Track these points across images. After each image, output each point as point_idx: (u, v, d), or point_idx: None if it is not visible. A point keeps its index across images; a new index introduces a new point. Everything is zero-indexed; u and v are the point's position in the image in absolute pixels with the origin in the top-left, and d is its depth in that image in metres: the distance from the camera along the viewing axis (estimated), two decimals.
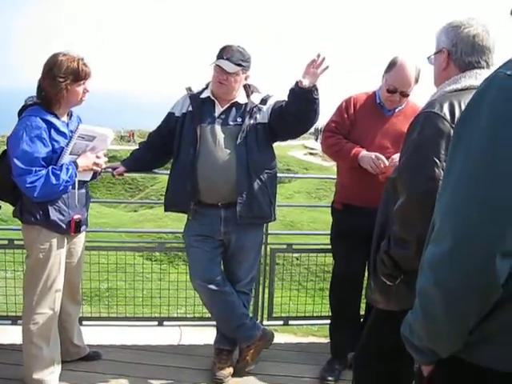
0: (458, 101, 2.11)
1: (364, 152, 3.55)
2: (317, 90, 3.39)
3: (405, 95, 3.58)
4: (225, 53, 3.47)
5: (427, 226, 1.48)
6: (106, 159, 3.56)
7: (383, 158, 3.49)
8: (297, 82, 3.37)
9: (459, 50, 2.23)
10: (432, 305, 1.31)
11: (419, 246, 1.63)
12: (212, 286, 3.61)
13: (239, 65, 3.49)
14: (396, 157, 3.47)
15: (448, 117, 2.07)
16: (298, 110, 3.44)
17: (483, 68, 2.23)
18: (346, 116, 3.71)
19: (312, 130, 48.77)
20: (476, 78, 2.17)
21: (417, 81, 3.57)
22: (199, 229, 3.64)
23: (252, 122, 3.56)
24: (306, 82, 3.34)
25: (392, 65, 3.55)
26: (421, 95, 3.60)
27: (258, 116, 3.58)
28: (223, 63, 3.46)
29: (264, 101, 3.63)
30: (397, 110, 3.67)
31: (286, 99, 3.51)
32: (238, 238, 3.65)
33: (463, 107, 2.04)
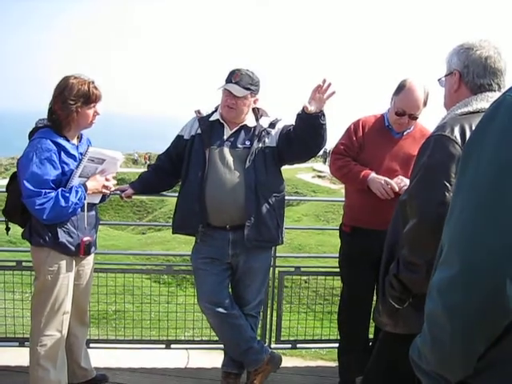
0: (469, 124, 2.10)
1: (373, 175, 3.55)
2: (324, 115, 3.39)
3: (413, 118, 3.58)
4: (233, 77, 3.50)
5: (436, 250, 1.47)
6: (115, 182, 3.58)
7: (393, 183, 3.49)
8: (303, 108, 3.37)
9: (471, 72, 2.23)
10: (440, 330, 1.29)
11: (429, 270, 1.62)
12: (220, 309, 3.59)
13: (248, 89, 3.51)
14: (404, 178, 3.47)
15: (459, 140, 2.06)
16: (305, 135, 3.46)
17: (495, 91, 2.23)
18: (354, 138, 3.71)
19: (320, 152, 48.96)
20: (487, 101, 2.16)
21: (425, 104, 3.58)
22: (207, 251, 3.64)
23: (261, 145, 3.57)
24: (312, 108, 3.34)
25: (401, 88, 3.56)
26: (429, 118, 3.61)
27: (266, 140, 3.59)
28: (232, 87, 3.49)
29: (273, 125, 3.64)
30: (405, 132, 3.67)
31: (294, 124, 3.53)
32: (246, 260, 3.64)
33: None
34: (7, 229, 3.47)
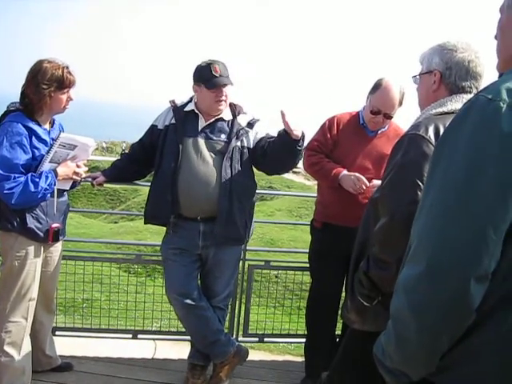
0: (444, 124, 2.10)
1: (345, 172, 3.56)
2: (304, 139, 3.42)
3: (388, 117, 3.60)
4: (214, 70, 3.46)
5: (406, 248, 1.48)
6: (87, 169, 3.54)
7: (364, 178, 3.51)
8: (287, 132, 3.35)
9: (453, 74, 2.24)
10: (405, 328, 1.30)
11: (399, 268, 1.63)
12: (187, 301, 3.58)
13: (228, 77, 3.52)
14: (377, 182, 3.49)
15: (433, 140, 2.07)
16: (284, 155, 3.51)
17: (471, 93, 2.24)
18: (328, 135, 3.72)
19: None
20: (462, 102, 2.14)
21: (401, 103, 3.60)
22: (177, 242, 3.62)
23: (239, 144, 3.56)
24: (298, 133, 3.35)
25: (377, 86, 3.57)
26: (404, 118, 3.64)
27: (244, 139, 3.59)
28: (226, 80, 3.49)
29: (250, 124, 3.63)
30: (379, 131, 3.69)
31: (272, 143, 3.54)
32: (216, 252, 3.63)
33: None
34: None
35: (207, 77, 3.47)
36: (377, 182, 3.48)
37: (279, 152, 3.49)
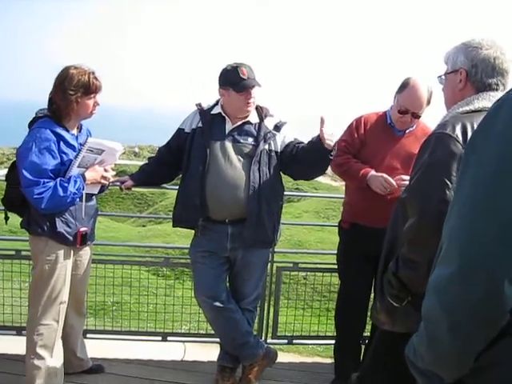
0: (471, 122, 2.09)
1: (373, 172, 3.54)
2: (335, 148, 3.41)
3: (416, 117, 3.57)
4: (241, 73, 3.45)
5: (437, 248, 1.47)
6: (114, 173, 3.58)
7: (391, 179, 3.48)
8: (321, 140, 3.33)
9: (479, 72, 2.22)
10: (437, 329, 1.28)
11: (429, 268, 1.61)
12: (216, 303, 3.60)
13: (255, 80, 3.51)
14: (405, 177, 3.46)
15: (460, 138, 2.05)
16: (315, 163, 3.51)
17: (498, 90, 2.22)
18: (356, 135, 3.70)
19: None
20: (489, 100, 2.16)
21: (429, 102, 3.56)
22: (206, 245, 3.64)
23: (267, 147, 3.56)
24: (332, 143, 3.34)
25: (404, 86, 3.55)
26: (432, 117, 3.61)
27: (271, 143, 3.58)
28: (250, 83, 3.47)
29: (277, 127, 3.62)
30: (407, 131, 3.66)
31: (302, 149, 3.53)
32: (245, 255, 3.64)
33: (475, 128, 2.04)
34: (6, 218, 3.47)
35: (235, 80, 3.46)
36: (405, 177, 3.45)
37: (310, 159, 3.49)
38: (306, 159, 3.50)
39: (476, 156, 1.29)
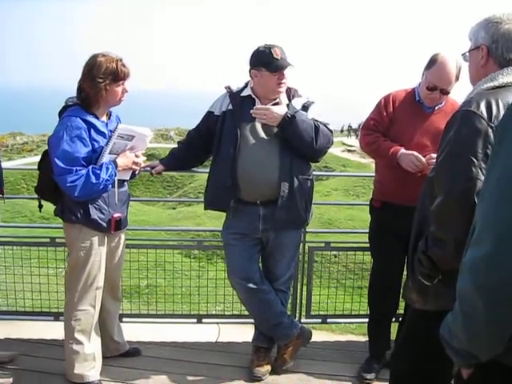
0: (496, 98, 2.06)
1: (403, 150, 3.50)
2: (288, 117, 3.44)
3: (445, 93, 3.51)
4: (274, 54, 3.43)
5: (465, 226, 1.46)
6: (145, 158, 3.60)
7: (421, 157, 3.45)
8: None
9: (500, 47, 2.17)
10: (472, 308, 1.30)
11: (457, 246, 1.61)
12: (250, 284, 3.62)
13: (287, 60, 3.49)
14: (435, 155, 3.43)
15: (485, 115, 2.02)
16: (296, 143, 3.53)
17: None
18: (384, 113, 3.66)
19: (355, 126, 48.81)
20: None
21: (457, 78, 3.50)
22: (238, 226, 3.65)
23: None
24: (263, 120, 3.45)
25: (432, 62, 3.49)
26: (461, 92, 3.56)
27: None
28: (283, 63, 3.45)
29: (305, 107, 3.61)
30: (437, 107, 3.60)
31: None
32: (277, 236, 3.65)
33: (501, 105, 2.02)
34: (40, 206, 3.51)
35: (268, 60, 3.44)
36: (434, 155, 3.42)
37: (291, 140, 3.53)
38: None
39: (507, 144, 1.28)
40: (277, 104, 3.57)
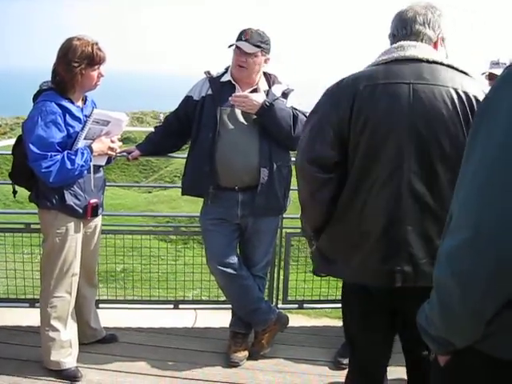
0: None
1: None
2: (266, 105, 3.45)
3: None
4: (244, 35, 3.46)
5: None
6: (121, 143, 3.57)
7: None
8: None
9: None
10: (449, 296, 1.30)
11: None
12: (229, 270, 3.62)
13: (258, 46, 3.47)
14: None
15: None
16: (274, 131, 3.53)
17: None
18: None
19: None
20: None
21: None
22: (216, 212, 3.64)
23: None
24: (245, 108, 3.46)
25: None
26: None
27: None
28: (242, 44, 3.45)
29: (285, 94, 3.61)
30: None
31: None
32: (255, 221, 3.66)
33: None
34: (14, 192, 3.47)
35: (236, 39, 3.48)
36: None
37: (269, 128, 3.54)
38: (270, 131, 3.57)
39: (485, 126, 1.28)
40: (255, 91, 3.56)
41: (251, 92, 3.55)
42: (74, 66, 3.13)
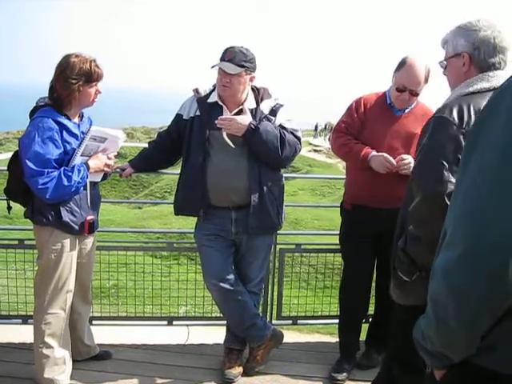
0: (468, 104, 2.18)
1: (374, 153, 3.54)
2: (252, 127, 3.43)
3: (414, 94, 3.56)
4: (226, 55, 3.43)
5: (439, 224, 1.51)
6: (117, 160, 3.58)
7: (391, 158, 3.49)
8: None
9: (482, 53, 2.27)
10: (444, 310, 1.31)
11: (431, 243, 1.67)
12: (225, 286, 3.62)
13: (241, 66, 3.43)
14: (405, 156, 3.48)
15: (457, 121, 2.15)
16: (262, 153, 3.52)
17: (500, 68, 2.28)
18: (356, 116, 3.69)
19: (312, 127, 48.56)
20: (487, 81, 2.23)
21: (426, 80, 3.55)
22: (211, 228, 3.65)
23: None
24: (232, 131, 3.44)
25: (402, 64, 3.54)
26: (430, 96, 3.59)
27: None
28: (225, 65, 3.42)
29: (273, 112, 3.59)
30: (407, 110, 3.65)
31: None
32: (249, 238, 3.66)
33: (472, 111, 2.15)
34: (9, 208, 3.45)
35: (220, 59, 3.46)
36: (406, 157, 3.47)
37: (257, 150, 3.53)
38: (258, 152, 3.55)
39: (480, 144, 1.31)
40: (241, 112, 3.54)
41: (238, 112, 3.55)
42: (72, 82, 3.15)
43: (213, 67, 3.47)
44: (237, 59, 3.42)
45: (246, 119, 3.46)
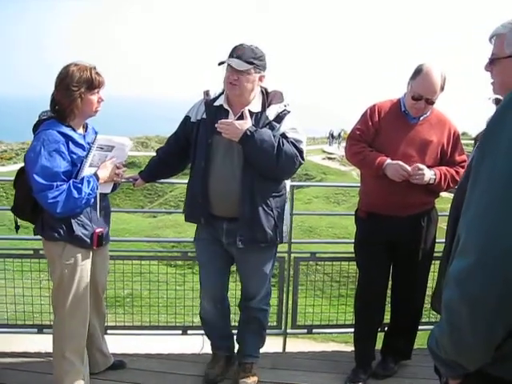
0: None
1: (389, 161, 3.51)
2: (248, 134, 3.29)
3: (430, 103, 3.53)
4: (235, 51, 3.30)
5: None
6: (126, 169, 3.53)
7: (407, 166, 3.46)
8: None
9: None
10: (458, 319, 1.30)
11: None
12: (218, 306, 3.76)
13: (250, 63, 3.29)
14: (421, 166, 3.45)
15: None
16: (255, 161, 3.39)
17: None
18: (370, 124, 3.66)
19: (326, 134, 48.64)
20: None
21: (442, 88, 3.52)
22: (205, 238, 3.66)
23: None
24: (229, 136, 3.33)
25: (417, 72, 3.51)
26: (446, 103, 3.56)
27: None
28: (233, 61, 3.28)
29: (279, 118, 3.43)
30: (422, 117, 3.62)
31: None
32: (243, 251, 3.53)
33: None
34: (16, 228, 3.42)
35: (228, 56, 3.33)
36: (422, 166, 3.44)
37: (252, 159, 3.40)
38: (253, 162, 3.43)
39: (492, 152, 1.30)
40: (249, 112, 3.40)
41: (240, 116, 3.40)
42: (73, 90, 3.07)
43: (220, 64, 3.34)
44: (246, 56, 3.29)
45: (244, 123, 3.32)
